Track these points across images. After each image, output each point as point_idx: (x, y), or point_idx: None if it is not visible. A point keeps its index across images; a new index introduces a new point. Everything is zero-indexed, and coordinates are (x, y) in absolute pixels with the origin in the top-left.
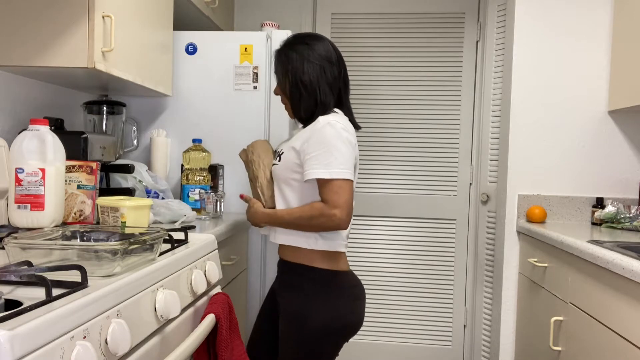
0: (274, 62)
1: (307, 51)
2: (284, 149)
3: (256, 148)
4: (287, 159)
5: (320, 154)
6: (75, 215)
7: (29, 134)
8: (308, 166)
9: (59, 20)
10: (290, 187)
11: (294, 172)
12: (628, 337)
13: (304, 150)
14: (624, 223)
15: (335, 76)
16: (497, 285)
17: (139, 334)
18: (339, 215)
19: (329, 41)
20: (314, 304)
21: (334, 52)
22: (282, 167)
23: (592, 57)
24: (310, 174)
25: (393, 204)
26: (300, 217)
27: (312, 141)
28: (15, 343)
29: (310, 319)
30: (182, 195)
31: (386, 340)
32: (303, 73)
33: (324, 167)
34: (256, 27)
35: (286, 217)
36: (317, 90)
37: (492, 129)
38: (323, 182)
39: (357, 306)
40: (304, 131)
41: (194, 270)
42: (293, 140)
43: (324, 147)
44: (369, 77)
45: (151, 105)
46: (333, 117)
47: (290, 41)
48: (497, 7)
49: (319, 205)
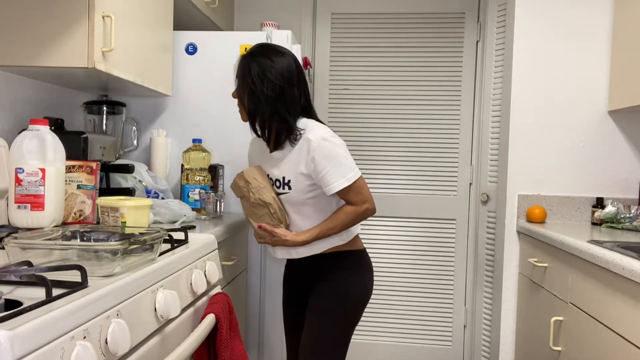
0: (237, 66)
1: (269, 67)
2: (287, 176)
3: (256, 174)
4: (299, 185)
5: (331, 168)
6: (75, 215)
7: (29, 134)
8: (326, 182)
9: (58, 20)
10: (307, 205)
11: (308, 192)
12: (628, 337)
13: (315, 171)
14: (624, 223)
15: (295, 97)
16: (497, 285)
17: (139, 334)
18: (369, 207)
19: (294, 58)
20: (354, 276)
21: (295, 72)
22: (296, 193)
23: (592, 57)
24: (334, 188)
25: (393, 204)
26: (342, 226)
27: (317, 160)
28: (15, 343)
29: (352, 289)
30: (182, 195)
31: (386, 340)
32: (261, 90)
33: (342, 177)
34: (256, 27)
35: (330, 232)
36: (272, 108)
37: (492, 129)
38: (345, 189)
39: (373, 278)
40: (295, 153)
41: (194, 270)
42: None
43: (331, 160)
44: (369, 77)
45: (151, 105)
46: (319, 130)
47: (254, 51)
48: (497, 7)
49: (351, 209)
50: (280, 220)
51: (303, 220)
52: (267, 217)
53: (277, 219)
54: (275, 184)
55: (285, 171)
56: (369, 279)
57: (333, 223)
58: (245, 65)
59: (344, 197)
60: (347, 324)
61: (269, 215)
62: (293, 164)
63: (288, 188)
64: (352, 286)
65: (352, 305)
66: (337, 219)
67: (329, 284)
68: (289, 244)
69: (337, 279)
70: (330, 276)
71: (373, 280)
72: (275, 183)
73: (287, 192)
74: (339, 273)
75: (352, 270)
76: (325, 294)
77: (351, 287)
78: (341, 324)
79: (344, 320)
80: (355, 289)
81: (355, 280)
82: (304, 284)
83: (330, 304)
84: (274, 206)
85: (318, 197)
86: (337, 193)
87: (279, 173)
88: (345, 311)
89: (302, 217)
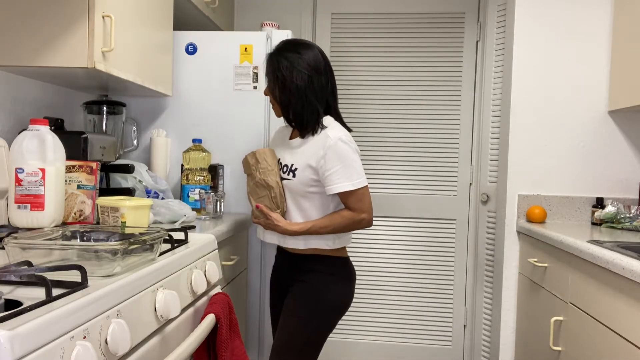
0: (266, 65)
1: (297, 59)
2: (296, 164)
3: (267, 156)
4: (303, 176)
5: (339, 169)
6: (75, 215)
7: (29, 134)
8: (330, 181)
9: (59, 20)
10: (306, 198)
11: (310, 186)
12: (628, 337)
13: (322, 167)
14: (624, 223)
15: (323, 85)
16: (497, 285)
17: (139, 334)
18: (367, 218)
19: (319, 49)
20: (331, 284)
21: (322, 61)
22: (298, 182)
23: (592, 57)
24: (336, 188)
25: (393, 204)
26: (334, 228)
27: (329, 158)
28: (15, 343)
29: (328, 296)
30: (182, 195)
31: (386, 340)
32: (291, 81)
33: (347, 180)
34: (256, 27)
35: (321, 231)
36: (304, 98)
37: (492, 129)
38: (347, 193)
39: (354, 287)
40: (311, 145)
41: (194, 270)
42: (300, 155)
43: (342, 162)
44: (369, 77)
45: (151, 105)
46: (338, 131)
47: (281, 47)
48: (497, 7)
49: (348, 214)
50: (277, 206)
51: (298, 212)
52: (267, 200)
53: (275, 204)
54: (282, 169)
55: (296, 159)
56: (350, 288)
57: (327, 222)
58: (273, 61)
59: (345, 200)
60: (318, 330)
61: (269, 198)
62: (305, 155)
63: (292, 175)
64: (330, 292)
65: (326, 312)
66: (332, 220)
67: (304, 286)
68: (279, 230)
69: (314, 282)
70: (307, 278)
71: (354, 289)
72: (282, 168)
73: (290, 179)
74: (316, 277)
75: (333, 276)
76: (298, 296)
77: (328, 293)
78: (311, 329)
79: (315, 326)
80: (331, 296)
81: (333, 287)
82: (284, 283)
83: (301, 307)
84: (276, 191)
85: (318, 194)
86: (340, 195)
87: (290, 160)
88: (318, 317)
89: (298, 210)
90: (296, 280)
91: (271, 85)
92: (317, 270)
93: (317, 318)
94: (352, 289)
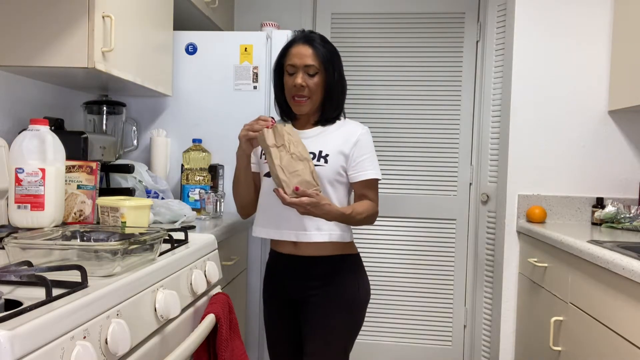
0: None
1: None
2: (325, 150)
3: (291, 129)
4: (335, 162)
5: (369, 157)
6: (75, 215)
7: (29, 134)
8: (362, 167)
9: (58, 20)
10: (332, 186)
11: (338, 174)
12: (628, 337)
13: (354, 154)
14: (624, 223)
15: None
16: (497, 285)
17: (139, 334)
18: (377, 212)
19: None
20: (357, 282)
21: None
22: (330, 169)
23: (592, 57)
24: (367, 175)
25: (393, 204)
26: (367, 217)
27: (361, 145)
28: (15, 343)
29: (359, 296)
30: (182, 195)
31: (386, 340)
32: (339, 66)
33: (375, 169)
34: (256, 27)
35: (357, 217)
36: (344, 83)
37: (492, 128)
38: (371, 182)
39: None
40: (339, 133)
41: (194, 270)
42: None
43: (370, 151)
44: (369, 77)
45: (151, 105)
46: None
47: (317, 36)
48: (497, 7)
49: (371, 204)
50: (315, 182)
51: None
52: (307, 173)
53: (313, 179)
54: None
55: (324, 146)
56: (368, 281)
57: (361, 208)
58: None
59: (366, 191)
60: (356, 328)
61: (309, 171)
62: (334, 142)
63: (324, 161)
64: (360, 289)
65: (361, 309)
66: (363, 206)
67: (331, 289)
68: (325, 210)
69: (341, 283)
70: (333, 280)
71: None
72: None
73: (322, 164)
74: (342, 276)
75: (356, 273)
76: (329, 300)
77: (358, 290)
78: (351, 330)
79: (354, 326)
80: (362, 292)
81: (359, 283)
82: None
83: (337, 310)
84: (312, 164)
85: (342, 184)
86: (365, 183)
87: (315, 147)
88: (355, 316)
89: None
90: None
91: (330, 74)
92: (343, 269)
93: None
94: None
